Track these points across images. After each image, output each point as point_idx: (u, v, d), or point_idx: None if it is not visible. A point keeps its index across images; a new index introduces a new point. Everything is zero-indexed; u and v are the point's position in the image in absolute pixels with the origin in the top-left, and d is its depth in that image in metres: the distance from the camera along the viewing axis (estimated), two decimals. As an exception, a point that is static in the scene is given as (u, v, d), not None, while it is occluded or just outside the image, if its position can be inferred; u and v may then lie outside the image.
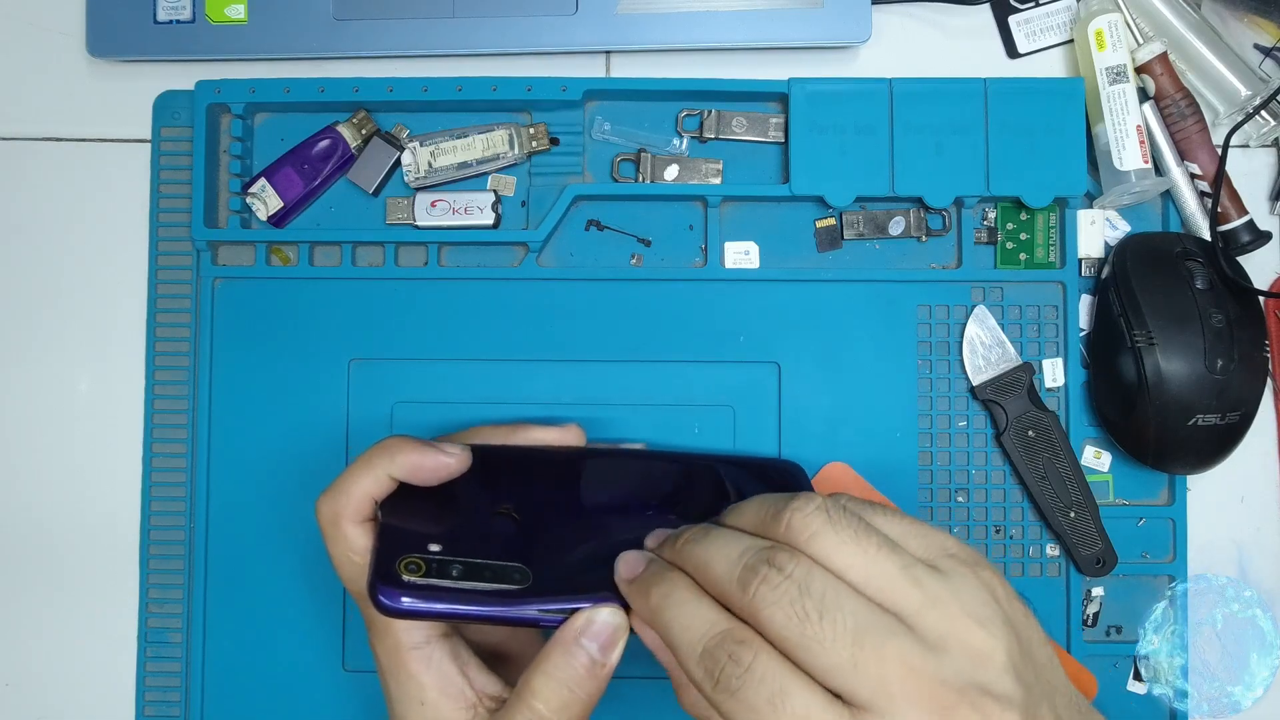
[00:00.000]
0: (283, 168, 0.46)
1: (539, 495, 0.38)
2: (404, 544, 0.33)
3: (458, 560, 0.33)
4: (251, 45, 0.46)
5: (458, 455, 0.36)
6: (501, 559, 0.33)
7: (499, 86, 0.46)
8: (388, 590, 0.32)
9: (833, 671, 0.26)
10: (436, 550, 0.33)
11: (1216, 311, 0.43)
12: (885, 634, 0.26)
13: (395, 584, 0.32)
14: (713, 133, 0.46)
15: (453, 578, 0.32)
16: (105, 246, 0.48)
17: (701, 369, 0.46)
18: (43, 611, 0.47)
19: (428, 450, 0.36)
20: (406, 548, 0.33)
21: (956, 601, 0.27)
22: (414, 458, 0.35)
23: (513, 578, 0.33)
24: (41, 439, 0.47)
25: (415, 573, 0.32)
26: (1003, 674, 0.27)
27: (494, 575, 0.33)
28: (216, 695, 0.46)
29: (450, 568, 0.33)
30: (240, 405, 0.46)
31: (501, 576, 0.33)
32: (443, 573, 0.32)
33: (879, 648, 0.26)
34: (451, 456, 0.36)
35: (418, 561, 0.32)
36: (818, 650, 0.26)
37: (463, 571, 0.33)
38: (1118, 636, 0.46)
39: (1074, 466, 0.45)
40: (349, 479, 0.35)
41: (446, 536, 0.34)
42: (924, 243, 0.46)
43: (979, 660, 0.27)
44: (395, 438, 0.36)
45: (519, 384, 0.46)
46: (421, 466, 0.35)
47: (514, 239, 0.46)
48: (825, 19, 0.45)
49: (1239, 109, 0.45)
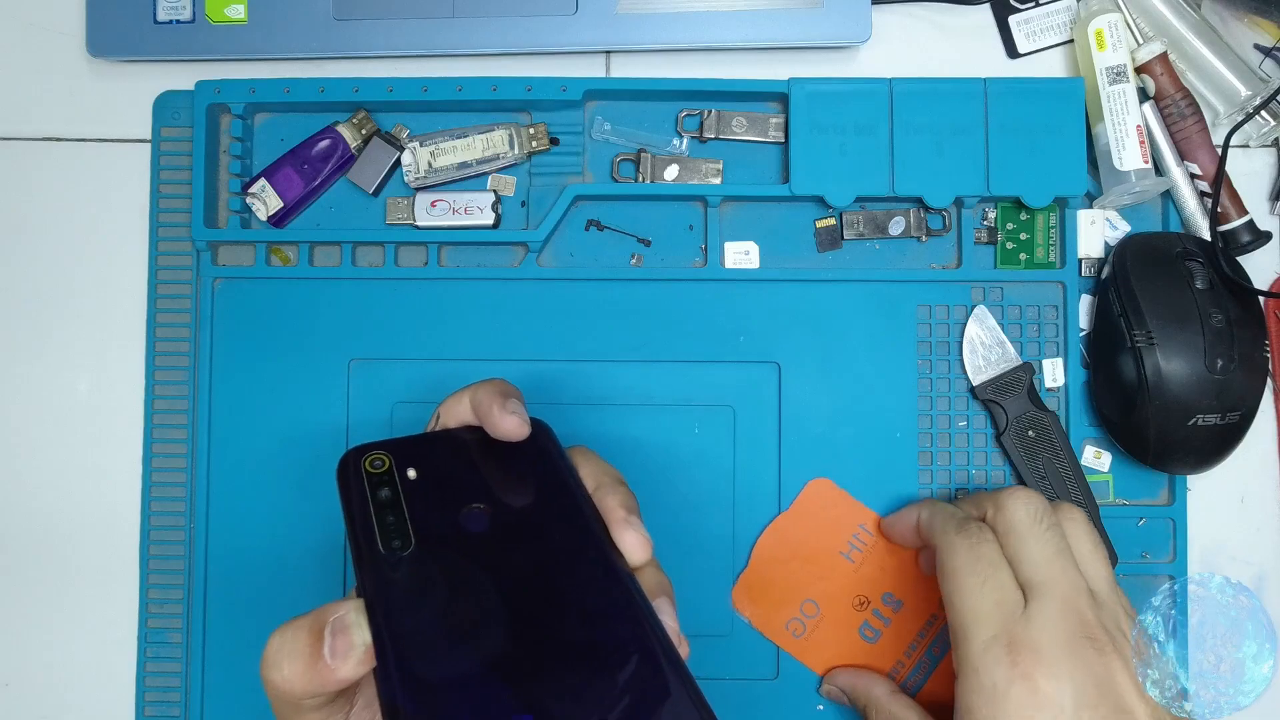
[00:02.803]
0: (283, 168, 0.46)
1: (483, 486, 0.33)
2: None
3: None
4: (251, 45, 0.46)
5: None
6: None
7: (499, 86, 0.46)
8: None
9: (1028, 562, 0.36)
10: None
11: (1216, 311, 0.43)
12: (1072, 566, 0.37)
13: None
14: (713, 133, 0.46)
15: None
16: (105, 246, 0.48)
17: (701, 369, 0.46)
18: (43, 611, 0.47)
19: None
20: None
21: (1128, 615, 0.38)
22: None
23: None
24: (42, 439, 0.47)
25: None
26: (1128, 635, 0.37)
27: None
28: (216, 695, 0.46)
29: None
30: (240, 405, 0.46)
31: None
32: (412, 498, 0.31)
33: (1065, 568, 0.36)
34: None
35: (381, 457, 0.33)
36: (1031, 543, 0.37)
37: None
38: (1118, 636, 0.46)
39: (1074, 466, 0.45)
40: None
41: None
42: (924, 243, 0.46)
43: (1120, 624, 0.37)
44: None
45: (518, 384, 0.46)
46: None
47: (514, 239, 0.46)
48: (825, 19, 0.45)
49: (1239, 109, 0.45)
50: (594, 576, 0.31)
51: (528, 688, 0.28)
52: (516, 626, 0.29)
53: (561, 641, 0.29)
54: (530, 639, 0.29)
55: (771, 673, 0.45)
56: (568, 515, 0.33)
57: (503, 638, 0.29)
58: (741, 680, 0.45)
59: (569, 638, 0.29)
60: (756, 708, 0.45)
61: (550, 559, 0.31)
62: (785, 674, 0.45)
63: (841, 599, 0.45)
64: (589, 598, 0.30)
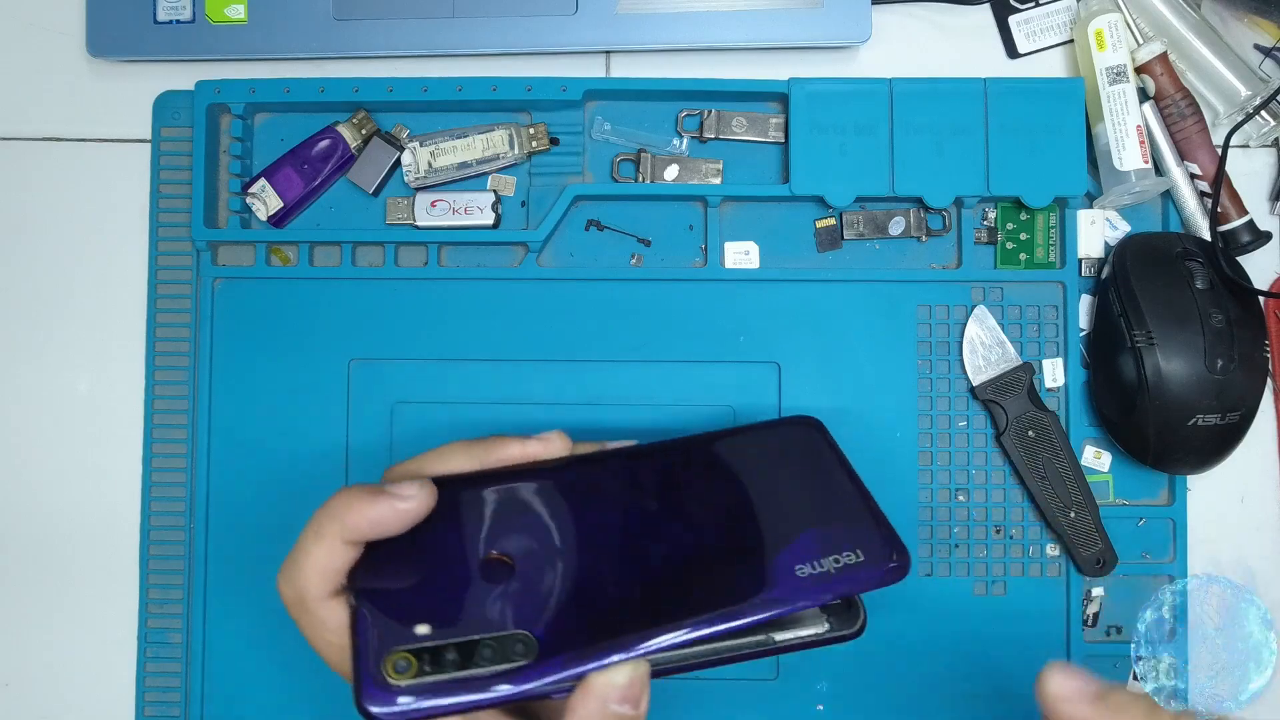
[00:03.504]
0: (283, 168, 0.46)
1: (528, 531, 0.33)
2: (386, 632, 0.29)
3: (451, 643, 0.29)
4: (251, 45, 0.46)
5: (416, 496, 0.32)
6: (500, 626, 0.29)
7: (499, 86, 0.46)
8: (378, 699, 0.28)
9: None
10: (425, 633, 0.29)
11: (1216, 311, 0.43)
12: None
13: (385, 690, 0.28)
14: (713, 133, 0.46)
15: (449, 668, 0.28)
16: (105, 246, 0.48)
17: (701, 369, 0.46)
18: (43, 611, 0.47)
19: (378, 499, 0.31)
20: (390, 637, 0.29)
21: None
22: (364, 513, 0.31)
23: (516, 651, 0.29)
24: (42, 439, 0.47)
25: (405, 673, 0.28)
26: None
27: (495, 654, 0.29)
28: (216, 695, 0.46)
29: (444, 656, 0.29)
30: (240, 405, 0.46)
31: (504, 654, 0.29)
32: (437, 664, 0.28)
33: None
34: (408, 499, 0.31)
35: (406, 657, 0.28)
36: None
37: (459, 658, 0.29)
38: (1118, 636, 0.46)
39: (1074, 466, 0.45)
40: (302, 554, 0.31)
41: (433, 609, 0.30)
42: (924, 243, 0.46)
43: None
44: (342, 493, 0.31)
45: (519, 384, 0.46)
46: (377, 521, 0.31)
47: (514, 239, 0.46)
48: (825, 19, 0.45)
49: (1239, 109, 0.45)
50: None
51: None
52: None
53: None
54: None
55: (771, 673, 0.45)
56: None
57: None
58: (742, 680, 0.45)
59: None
60: (756, 708, 0.45)
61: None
62: (785, 674, 0.45)
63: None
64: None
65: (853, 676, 0.45)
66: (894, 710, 0.45)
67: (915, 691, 0.45)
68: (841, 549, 0.32)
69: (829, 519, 0.34)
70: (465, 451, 0.35)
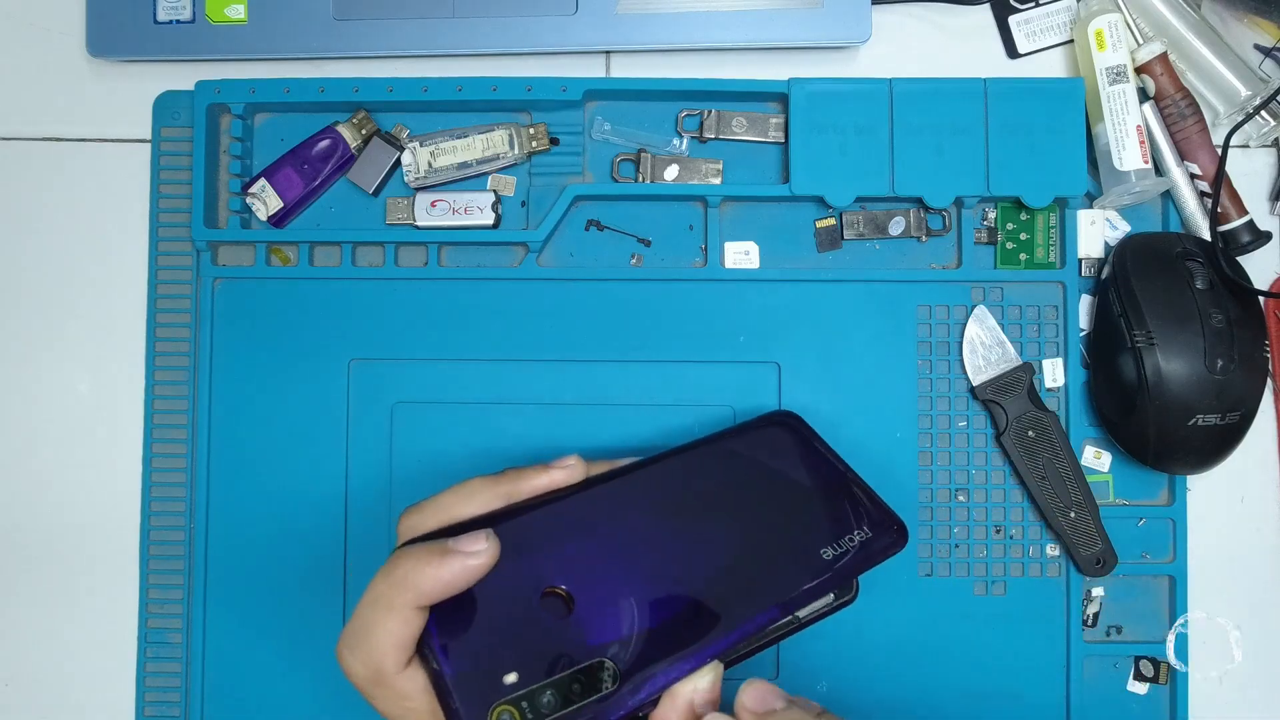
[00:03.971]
0: (283, 168, 0.46)
1: (575, 557, 0.33)
2: (478, 690, 0.29)
3: (545, 686, 0.30)
4: (251, 45, 0.46)
5: (486, 550, 0.31)
6: (578, 657, 0.30)
7: (499, 86, 0.46)
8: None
9: None
10: (514, 682, 0.30)
11: (1216, 311, 0.43)
12: None
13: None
14: (713, 133, 0.46)
15: (547, 711, 0.29)
16: (105, 246, 0.48)
17: (701, 369, 0.46)
18: (43, 611, 0.47)
19: (450, 560, 0.31)
20: (485, 694, 0.29)
21: None
22: (438, 577, 0.30)
23: (604, 680, 0.30)
24: (42, 439, 0.48)
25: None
26: None
27: (585, 687, 0.30)
28: (216, 695, 0.46)
29: (540, 699, 0.29)
30: (240, 405, 0.46)
31: (593, 685, 0.30)
32: (536, 709, 0.29)
33: None
34: (479, 555, 0.31)
35: (509, 710, 0.29)
36: None
37: (555, 699, 0.29)
38: (1118, 636, 0.46)
39: (1074, 466, 0.45)
40: (374, 627, 0.30)
41: (512, 654, 0.30)
42: (924, 243, 0.46)
43: None
44: (404, 558, 0.31)
45: (519, 384, 0.46)
46: (450, 583, 0.31)
47: (514, 239, 0.46)
48: (825, 19, 0.45)
49: (1239, 109, 0.45)
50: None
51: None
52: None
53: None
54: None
55: (772, 672, 0.45)
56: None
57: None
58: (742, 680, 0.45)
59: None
60: (756, 708, 0.45)
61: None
62: (785, 673, 0.45)
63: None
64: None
65: (853, 677, 0.45)
66: (894, 710, 0.45)
67: (915, 691, 0.45)
68: (852, 529, 0.37)
69: (833, 504, 0.38)
70: (489, 489, 0.34)
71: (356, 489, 0.46)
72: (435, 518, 0.33)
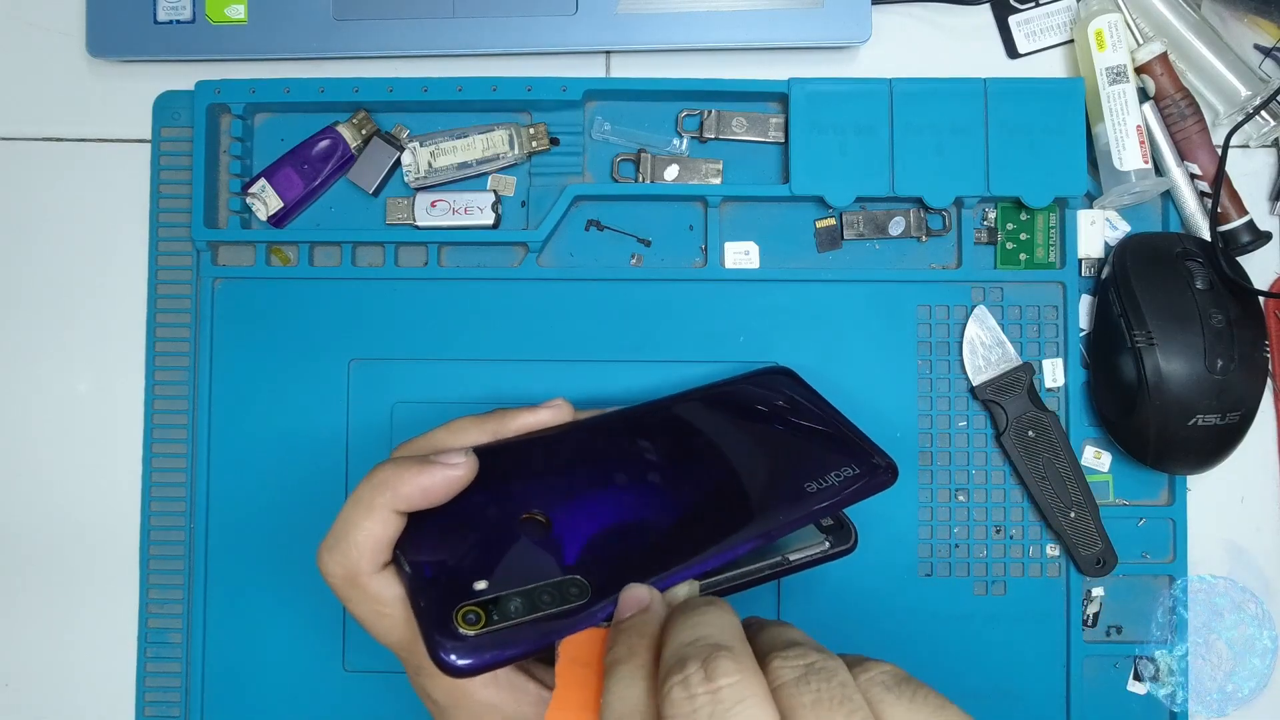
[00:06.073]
0: (283, 168, 0.46)
1: (555, 487, 0.35)
2: (447, 591, 0.30)
3: (513, 594, 0.30)
4: (251, 45, 0.46)
5: (464, 463, 0.33)
6: (551, 574, 0.31)
7: (499, 86, 0.46)
8: (454, 651, 0.29)
9: None
10: (484, 588, 0.30)
11: (1216, 311, 0.43)
12: None
13: (458, 642, 0.29)
14: (713, 133, 0.46)
15: (514, 616, 0.30)
16: (105, 247, 0.48)
17: (701, 369, 0.46)
18: (43, 611, 0.47)
19: (429, 468, 0.32)
20: (452, 596, 0.30)
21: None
22: (417, 481, 0.32)
23: (572, 594, 0.30)
24: (42, 439, 0.47)
25: (475, 624, 0.29)
26: None
27: (554, 598, 0.30)
28: (216, 695, 0.46)
29: (509, 605, 0.30)
30: (240, 405, 0.46)
31: (562, 596, 0.30)
32: (504, 613, 0.30)
33: None
34: (457, 466, 0.32)
35: (474, 610, 0.30)
36: None
37: (523, 605, 0.30)
38: (1118, 636, 0.46)
39: (1074, 466, 0.45)
40: (352, 529, 0.31)
41: (486, 567, 0.31)
42: (924, 243, 0.46)
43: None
44: (387, 466, 0.32)
45: (519, 384, 0.46)
46: (429, 489, 0.32)
47: (514, 239, 0.46)
48: (825, 19, 0.45)
49: (1239, 109, 0.45)
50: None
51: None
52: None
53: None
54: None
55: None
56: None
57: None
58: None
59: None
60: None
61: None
62: (785, 674, 0.45)
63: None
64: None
65: (853, 676, 0.45)
66: (894, 710, 0.45)
67: (915, 691, 0.45)
68: (840, 466, 0.37)
69: (821, 444, 0.38)
70: (476, 426, 0.36)
71: (356, 489, 0.46)
72: (424, 451, 0.35)
